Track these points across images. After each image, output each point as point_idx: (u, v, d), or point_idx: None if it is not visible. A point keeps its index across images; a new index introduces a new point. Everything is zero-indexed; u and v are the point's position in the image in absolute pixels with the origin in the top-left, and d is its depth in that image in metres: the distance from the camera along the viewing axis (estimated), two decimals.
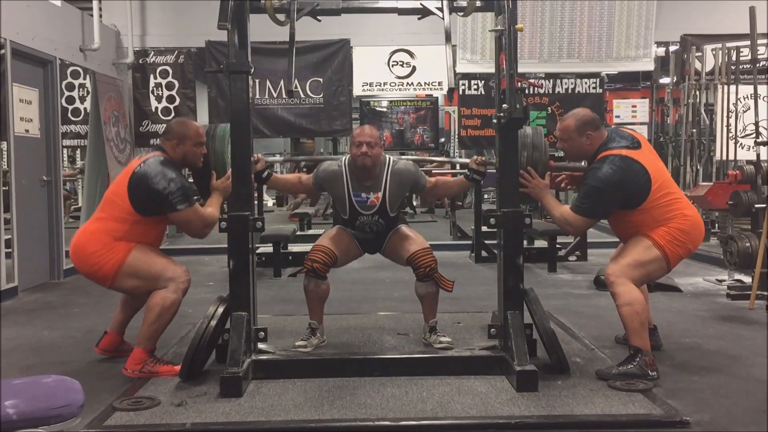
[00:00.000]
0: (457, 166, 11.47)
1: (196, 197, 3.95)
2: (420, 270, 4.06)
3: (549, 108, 9.28)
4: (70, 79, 7.96)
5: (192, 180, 4.28)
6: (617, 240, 4.11)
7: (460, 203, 13.29)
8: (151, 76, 9.05)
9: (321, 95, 9.12)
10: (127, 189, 3.80)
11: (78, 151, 10.10)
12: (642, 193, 3.73)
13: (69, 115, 8.11)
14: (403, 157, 4.34)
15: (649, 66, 9.31)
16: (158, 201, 3.77)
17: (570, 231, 3.95)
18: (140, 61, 9.06)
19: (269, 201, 15.81)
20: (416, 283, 4.15)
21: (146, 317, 3.83)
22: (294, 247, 8.04)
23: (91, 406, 3.18)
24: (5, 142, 6.32)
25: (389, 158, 4.22)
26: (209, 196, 4.01)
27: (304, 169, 12.61)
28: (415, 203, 15.08)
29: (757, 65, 6.74)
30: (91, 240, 3.84)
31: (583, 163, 4.15)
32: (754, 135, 6.90)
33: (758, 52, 6.71)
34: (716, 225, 8.87)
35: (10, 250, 6.27)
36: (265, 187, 5.94)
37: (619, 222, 3.91)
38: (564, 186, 4.23)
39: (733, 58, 8.52)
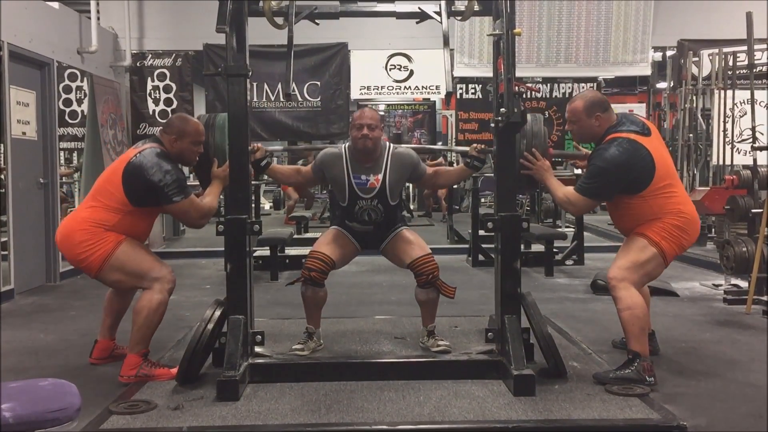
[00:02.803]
0: (453, 157, 11.43)
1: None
2: (422, 277, 4.02)
3: (546, 112, 9.28)
4: (67, 82, 7.95)
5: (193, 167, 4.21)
6: (614, 245, 4.12)
7: (457, 207, 13.29)
8: (149, 79, 9.05)
9: (318, 99, 9.13)
10: (122, 179, 3.78)
11: (75, 153, 10.04)
12: (645, 178, 3.71)
13: (66, 117, 8.09)
14: (402, 145, 4.28)
15: (646, 71, 9.33)
16: (154, 193, 3.76)
17: (572, 211, 3.95)
18: (138, 64, 9.06)
19: (266, 204, 15.79)
20: (417, 289, 4.11)
21: (134, 321, 3.82)
22: (291, 251, 8.03)
23: (87, 409, 3.16)
24: (2, 145, 6.30)
25: (390, 144, 4.19)
26: (209, 184, 3.98)
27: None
28: (412, 207, 15.08)
29: (754, 70, 6.75)
30: (80, 228, 3.80)
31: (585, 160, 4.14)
32: (750, 140, 6.91)
33: (755, 57, 6.73)
34: (713, 230, 8.91)
35: (6, 252, 6.26)
36: (262, 190, 5.91)
37: (618, 209, 3.90)
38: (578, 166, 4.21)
39: (730, 63, 8.54)
